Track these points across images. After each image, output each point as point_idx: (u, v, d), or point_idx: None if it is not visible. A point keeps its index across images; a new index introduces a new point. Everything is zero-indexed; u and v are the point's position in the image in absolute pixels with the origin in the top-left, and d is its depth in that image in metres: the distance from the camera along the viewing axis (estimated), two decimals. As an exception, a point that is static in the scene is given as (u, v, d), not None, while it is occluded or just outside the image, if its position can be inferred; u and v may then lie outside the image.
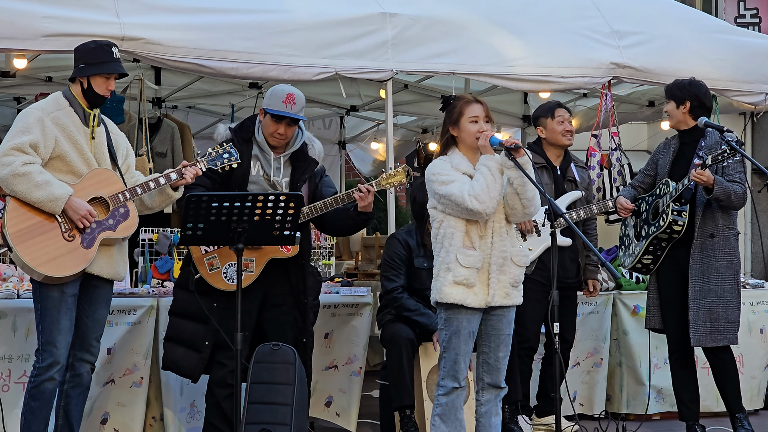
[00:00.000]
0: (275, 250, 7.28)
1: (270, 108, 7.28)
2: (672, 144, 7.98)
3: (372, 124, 13.09)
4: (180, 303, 7.38)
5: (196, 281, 7.21)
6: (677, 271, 7.85)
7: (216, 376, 7.31)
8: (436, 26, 8.65)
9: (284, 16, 8.26)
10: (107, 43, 6.74)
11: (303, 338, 7.42)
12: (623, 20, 9.41)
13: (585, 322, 9.05)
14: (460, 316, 6.36)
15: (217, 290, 7.20)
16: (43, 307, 6.53)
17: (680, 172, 7.81)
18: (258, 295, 7.28)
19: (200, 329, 7.25)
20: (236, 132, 7.39)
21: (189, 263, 7.32)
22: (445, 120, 6.57)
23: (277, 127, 7.30)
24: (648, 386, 8.93)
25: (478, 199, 6.24)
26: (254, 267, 7.25)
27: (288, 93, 7.31)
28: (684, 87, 7.90)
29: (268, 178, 7.34)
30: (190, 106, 12.25)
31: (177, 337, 7.34)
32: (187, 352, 7.29)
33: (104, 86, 6.64)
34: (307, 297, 7.43)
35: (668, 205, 7.71)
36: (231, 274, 7.22)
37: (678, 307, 7.86)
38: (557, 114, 8.39)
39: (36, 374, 6.55)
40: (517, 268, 6.45)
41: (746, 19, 16.37)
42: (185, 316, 7.32)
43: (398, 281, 8.00)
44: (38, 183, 6.40)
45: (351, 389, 8.43)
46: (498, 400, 6.55)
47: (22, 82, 10.29)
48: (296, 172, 7.43)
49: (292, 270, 7.38)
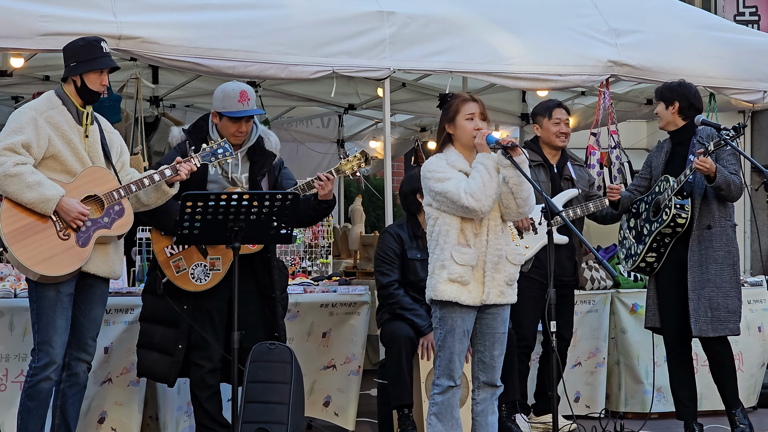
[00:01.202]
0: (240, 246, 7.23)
1: (227, 111, 7.19)
2: (664, 146, 8.01)
3: (370, 123, 13.09)
4: (149, 308, 7.33)
5: (164, 285, 7.18)
6: (676, 268, 7.86)
7: (194, 378, 7.27)
8: (433, 24, 8.64)
9: (282, 14, 8.26)
10: (95, 38, 6.72)
11: (274, 332, 7.36)
12: (621, 18, 9.40)
13: (583, 320, 9.05)
14: (455, 315, 6.35)
15: (186, 292, 7.15)
16: (38, 306, 6.52)
17: (676, 170, 7.83)
18: (226, 293, 7.21)
19: (170, 333, 7.22)
20: (190, 133, 7.31)
21: (155, 268, 7.28)
22: (442, 117, 6.56)
23: (237, 127, 7.22)
24: (651, 385, 8.91)
25: (475, 196, 6.24)
26: (221, 265, 7.21)
27: (240, 90, 7.21)
28: (673, 88, 7.95)
29: (227, 176, 7.29)
30: (188, 105, 12.23)
31: (149, 343, 7.29)
32: (159, 357, 7.24)
33: (98, 82, 6.63)
34: (274, 291, 7.37)
35: (670, 199, 7.72)
36: (198, 274, 7.18)
37: (676, 305, 7.87)
38: (554, 115, 8.39)
39: (32, 374, 6.54)
40: (512, 266, 6.45)
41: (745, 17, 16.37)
42: (155, 321, 7.28)
43: (393, 275, 7.99)
44: (30, 184, 6.39)
45: (349, 388, 8.42)
46: (494, 399, 6.54)
47: (19, 81, 10.28)
48: (255, 166, 7.36)
49: (257, 265, 7.35)
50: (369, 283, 8.81)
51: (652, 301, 8.01)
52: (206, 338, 7.09)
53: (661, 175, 7.91)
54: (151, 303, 7.31)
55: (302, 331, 8.22)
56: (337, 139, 13.49)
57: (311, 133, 13.35)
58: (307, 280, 8.70)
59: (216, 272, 7.19)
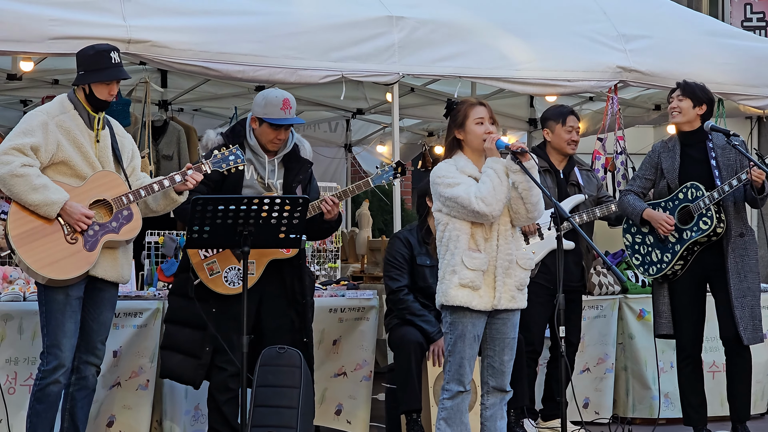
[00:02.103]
0: (275, 251, 7.27)
1: (268, 117, 7.23)
2: (673, 147, 7.91)
3: (378, 127, 13.10)
4: (175, 310, 7.36)
5: (196, 287, 7.20)
6: (695, 274, 7.81)
7: (216, 381, 7.30)
8: (442, 29, 8.65)
9: (291, 18, 8.26)
10: (106, 48, 6.68)
11: (304, 338, 7.42)
12: (630, 24, 9.40)
13: (591, 326, 9.04)
14: (465, 320, 6.35)
15: (215, 295, 7.18)
16: (47, 309, 6.53)
17: (692, 174, 7.75)
18: (256, 297, 7.27)
19: (198, 336, 7.24)
20: (228, 137, 7.34)
21: (185, 270, 7.30)
22: (450, 124, 6.56)
23: (276, 134, 7.28)
24: (657, 390, 8.91)
25: (485, 201, 6.24)
26: (255, 269, 7.24)
27: (284, 99, 7.26)
28: (704, 90, 7.87)
29: (263, 181, 7.32)
30: (197, 109, 12.26)
31: (174, 345, 7.32)
32: (184, 360, 7.28)
33: (106, 91, 6.63)
34: (305, 297, 7.44)
35: (708, 209, 7.62)
36: (231, 277, 7.22)
37: (694, 311, 7.83)
38: (568, 122, 8.36)
39: (41, 377, 6.55)
40: (522, 271, 6.45)
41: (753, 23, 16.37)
42: (181, 323, 7.30)
43: (402, 281, 7.99)
44: (35, 186, 6.40)
45: (361, 395, 8.41)
46: (503, 404, 6.53)
47: (28, 84, 10.30)
48: (290, 173, 7.41)
49: (287, 271, 7.39)
50: (377, 288, 8.80)
51: (666, 307, 7.93)
52: (231, 342, 7.08)
53: (676, 177, 7.82)
54: (178, 305, 7.33)
55: (313, 339, 8.20)
56: (345, 144, 13.51)
57: (319, 137, 13.35)
58: (315, 284, 8.70)
59: (250, 276, 7.21)
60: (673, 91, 7.99)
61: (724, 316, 7.77)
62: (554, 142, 8.38)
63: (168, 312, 7.44)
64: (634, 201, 7.97)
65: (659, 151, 7.97)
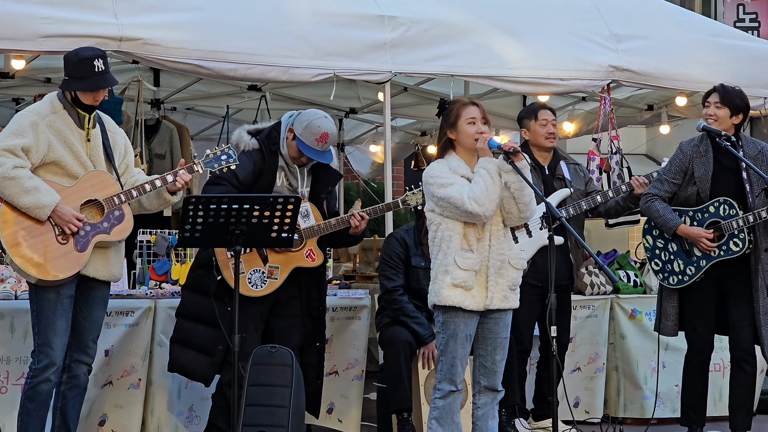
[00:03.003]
0: (301, 258, 7.35)
1: (302, 140, 7.28)
2: (705, 152, 7.72)
3: (371, 127, 13.09)
4: (190, 305, 7.37)
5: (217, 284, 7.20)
6: (717, 280, 7.72)
7: (228, 377, 7.28)
8: (434, 28, 8.64)
9: (283, 16, 8.25)
10: (90, 55, 6.59)
11: (317, 342, 7.50)
12: (622, 23, 9.40)
13: (583, 326, 9.04)
14: (458, 319, 6.35)
15: (230, 295, 7.16)
16: (39, 308, 6.52)
17: (723, 184, 7.64)
18: (270, 300, 7.31)
19: (212, 333, 7.23)
20: (264, 143, 7.37)
21: (204, 266, 7.30)
22: (442, 124, 6.56)
23: (301, 156, 7.33)
24: (650, 390, 8.91)
25: (478, 201, 6.24)
26: (279, 275, 7.28)
27: (323, 132, 7.28)
28: (742, 96, 7.79)
29: (293, 189, 7.36)
30: (189, 108, 12.24)
31: (186, 340, 7.33)
32: (197, 356, 7.30)
33: (91, 98, 6.59)
34: (322, 304, 7.55)
35: (741, 230, 7.53)
36: (255, 279, 7.24)
37: (710, 316, 7.75)
38: (540, 116, 8.29)
39: (32, 375, 6.54)
40: (514, 271, 6.45)
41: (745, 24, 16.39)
42: (195, 319, 7.31)
43: (398, 280, 7.99)
44: (27, 188, 6.39)
45: (353, 394, 8.42)
46: (495, 404, 6.54)
47: (20, 83, 10.28)
48: (318, 183, 7.49)
49: (306, 277, 7.44)
50: (369, 287, 8.80)
51: (674, 310, 7.82)
52: (246, 341, 7.09)
53: (709, 188, 7.67)
54: (193, 300, 7.34)
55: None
56: (338, 143, 13.48)
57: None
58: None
59: (273, 281, 7.27)
60: (708, 94, 7.84)
61: (742, 328, 7.69)
62: (532, 139, 8.32)
63: (181, 306, 7.44)
64: (665, 212, 7.79)
65: (691, 155, 7.76)
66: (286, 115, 7.51)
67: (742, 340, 7.72)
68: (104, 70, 6.59)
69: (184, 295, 7.46)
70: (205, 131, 12.62)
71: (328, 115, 7.44)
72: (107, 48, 7.47)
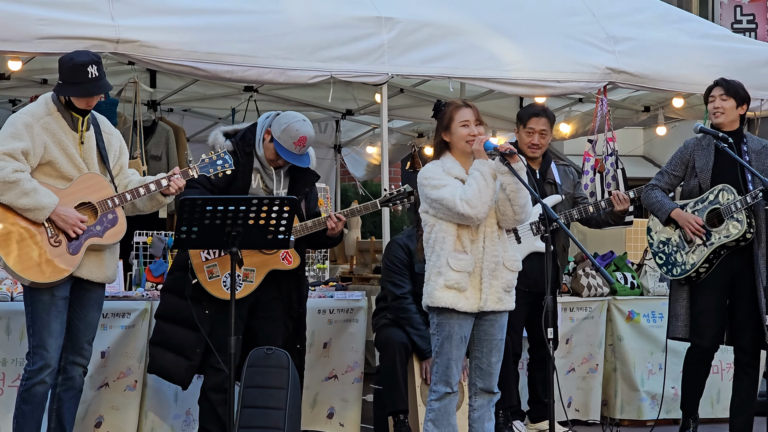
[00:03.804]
0: (277, 261, 7.30)
1: (280, 143, 7.24)
2: (708, 145, 7.73)
3: (367, 128, 13.08)
4: (169, 308, 7.34)
5: (193, 287, 7.19)
6: (725, 277, 7.69)
7: (211, 382, 7.29)
8: (431, 30, 8.63)
9: (280, 18, 8.25)
10: (84, 60, 6.56)
11: (297, 344, 7.46)
12: (619, 25, 9.40)
13: (580, 327, 9.05)
14: (452, 321, 6.35)
15: (210, 297, 7.16)
16: (33, 310, 6.51)
17: (726, 175, 7.63)
18: (247, 303, 7.29)
19: (191, 336, 7.22)
20: (238, 144, 7.32)
21: (181, 269, 7.28)
22: (437, 126, 6.56)
23: (278, 158, 7.30)
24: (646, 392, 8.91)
25: (470, 203, 6.23)
26: (254, 277, 7.25)
27: (302, 136, 7.24)
28: (743, 89, 7.78)
29: (269, 191, 7.33)
30: (186, 110, 12.23)
31: (166, 343, 7.30)
32: (176, 359, 7.27)
33: (84, 103, 6.58)
34: (302, 306, 7.50)
35: (739, 213, 7.52)
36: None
37: (719, 315, 7.71)
38: (529, 124, 8.14)
39: (27, 377, 6.53)
40: (509, 273, 6.45)
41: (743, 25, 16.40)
42: (175, 322, 7.28)
43: (406, 287, 7.96)
44: (26, 191, 6.38)
45: (353, 397, 8.42)
46: (491, 406, 6.54)
47: (17, 84, 10.28)
48: (296, 184, 7.44)
49: (285, 279, 7.41)
50: (365, 289, 8.80)
51: (684, 310, 7.76)
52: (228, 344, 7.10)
53: (709, 178, 7.68)
54: (172, 302, 7.31)
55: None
56: (334, 145, 13.49)
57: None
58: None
59: (249, 284, 7.23)
60: (710, 89, 7.83)
61: (746, 326, 7.67)
62: (519, 143, 8.25)
63: (160, 308, 7.41)
64: (662, 198, 7.83)
65: (692, 149, 7.80)
66: (263, 116, 7.45)
67: (744, 343, 7.71)
68: (98, 76, 6.57)
69: (163, 297, 7.43)
70: (201, 133, 12.59)
71: (306, 118, 7.40)
72: (104, 50, 7.47)
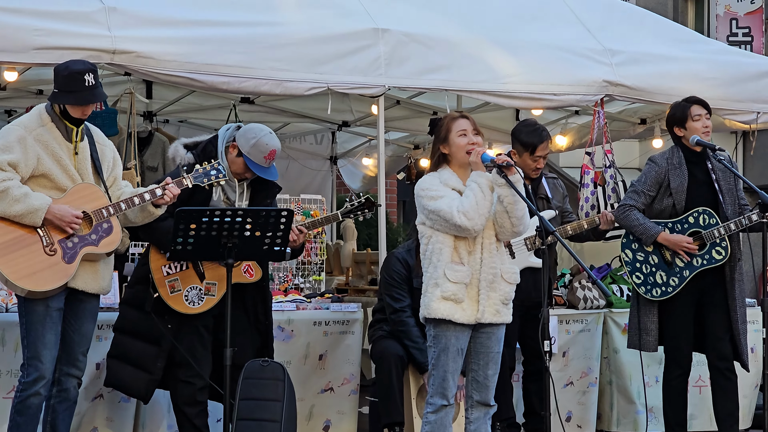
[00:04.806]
0: (238, 274, 7.24)
1: (250, 158, 7.19)
2: (679, 164, 7.79)
3: (363, 140, 13.09)
4: (127, 321, 7.29)
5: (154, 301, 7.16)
6: (695, 293, 7.79)
7: (184, 395, 7.26)
8: (428, 43, 8.63)
9: (277, 30, 8.24)
10: (81, 69, 6.58)
11: (266, 356, 7.41)
12: (616, 39, 9.41)
13: (576, 340, 9.03)
14: (449, 333, 6.34)
15: (170, 311, 7.12)
16: (28, 321, 6.49)
17: (698, 195, 7.73)
18: (210, 315, 7.27)
19: (150, 350, 7.19)
20: (199, 157, 7.25)
21: (140, 282, 7.24)
22: (435, 140, 6.56)
23: (246, 171, 7.26)
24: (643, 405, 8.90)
25: (467, 215, 6.23)
26: (216, 291, 7.21)
27: (271, 150, 7.21)
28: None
29: (231, 203, 7.29)
30: (182, 120, 12.22)
31: (123, 356, 7.25)
32: (135, 372, 7.22)
33: (79, 112, 6.57)
34: (268, 318, 7.47)
35: (723, 239, 7.63)
36: (192, 297, 7.17)
37: (690, 331, 7.81)
38: (537, 152, 8.07)
39: (21, 389, 6.52)
40: (507, 285, 6.44)
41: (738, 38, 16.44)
42: (134, 335, 7.24)
43: (405, 300, 7.97)
44: (16, 197, 6.36)
45: (349, 409, 8.40)
46: (487, 418, 6.52)
47: (12, 94, 10.27)
48: (257, 195, 7.39)
49: (250, 292, 7.39)
50: (361, 301, 8.78)
51: (655, 325, 7.85)
52: (195, 357, 7.09)
53: (684, 200, 7.75)
54: (130, 315, 7.27)
55: (299, 354, 8.18)
56: (330, 156, 13.49)
57: (304, 149, 13.32)
58: (300, 297, 8.68)
59: (210, 297, 7.20)
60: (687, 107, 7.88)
61: (719, 339, 7.78)
62: (519, 164, 8.14)
63: (119, 321, 7.35)
64: (645, 220, 7.83)
65: (666, 168, 7.83)
66: (223, 128, 7.42)
67: (723, 350, 7.78)
68: (94, 84, 6.57)
69: (122, 310, 7.38)
70: (198, 144, 12.60)
71: (272, 131, 7.37)
72: (100, 60, 7.46)
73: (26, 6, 7.46)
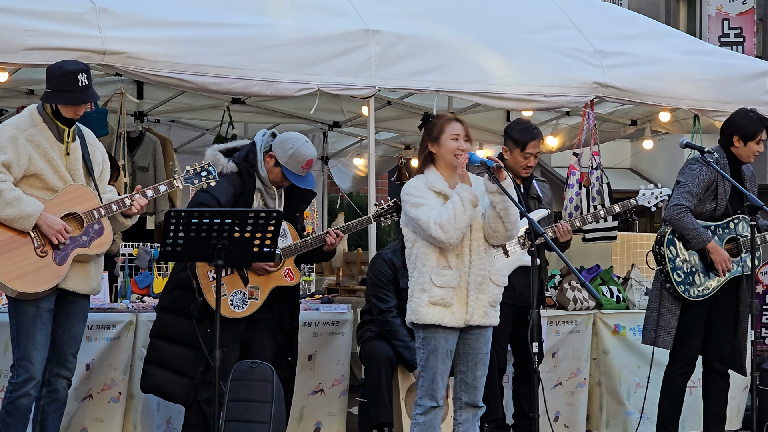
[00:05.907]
0: (280, 278, 7.36)
1: (287, 168, 7.30)
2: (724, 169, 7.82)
3: (354, 140, 13.09)
4: (166, 327, 7.33)
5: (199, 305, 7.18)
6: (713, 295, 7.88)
7: (207, 396, 7.26)
8: (419, 44, 8.64)
9: (267, 31, 8.23)
10: (74, 69, 6.59)
11: (290, 357, 7.51)
12: (607, 40, 9.42)
13: (565, 341, 9.04)
14: (438, 335, 6.35)
15: (209, 316, 7.12)
16: (18, 322, 6.49)
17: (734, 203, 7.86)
18: (245, 319, 7.31)
19: (191, 355, 7.22)
20: (242, 166, 7.35)
21: (181, 287, 7.28)
22: (424, 137, 6.56)
23: (284, 180, 7.34)
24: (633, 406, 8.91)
25: (443, 228, 6.24)
26: (259, 294, 7.28)
27: (308, 159, 7.33)
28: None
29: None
30: (173, 120, 12.22)
31: (161, 361, 7.29)
32: (175, 378, 7.26)
33: (72, 111, 6.57)
34: (295, 320, 7.55)
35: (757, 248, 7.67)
36: (237, 301, 7.23)
37: (702, 332, 7.90)
38: (528, 149, 8.01)
39: (11, 390, 6.51)
40: (496, 287, 6.45)
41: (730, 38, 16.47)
42: (172, 341, 7.27)
43: (392, 301, 7.99)
44: (9, 200, 6.35)
45: (339, 411, 8.43)
46: (476, 420, 6.53)
47: (3, 94, 10.26)
48: (292, 201, 7.50)
49: (276, 293, 7.42)
50: (351, 301, 8.79)
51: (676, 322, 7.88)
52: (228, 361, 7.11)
53: (725, 206, 7.86)
54: (169, 321, 7.32)
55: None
56: (321, 156, 13.48)
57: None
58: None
59: (254, 301, 7.28)
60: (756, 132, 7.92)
61: (722, 341, 7.88)
62: (510, 162, 8.18)
63: (156, 326, 7.40)
64: (697, 225, 7.83)
65: (714, 173, 7.82)
66: (259, 134, 7.49)
67: (725, 354, 7.85)
68: (87, 84, 6.58)
69: (160, 316, 7.41)
70: (188, 144, 12.60)
71: (307, 138, 7.46)
72: (90, 61, 7.45)
73: (17, 6, 7.44)
